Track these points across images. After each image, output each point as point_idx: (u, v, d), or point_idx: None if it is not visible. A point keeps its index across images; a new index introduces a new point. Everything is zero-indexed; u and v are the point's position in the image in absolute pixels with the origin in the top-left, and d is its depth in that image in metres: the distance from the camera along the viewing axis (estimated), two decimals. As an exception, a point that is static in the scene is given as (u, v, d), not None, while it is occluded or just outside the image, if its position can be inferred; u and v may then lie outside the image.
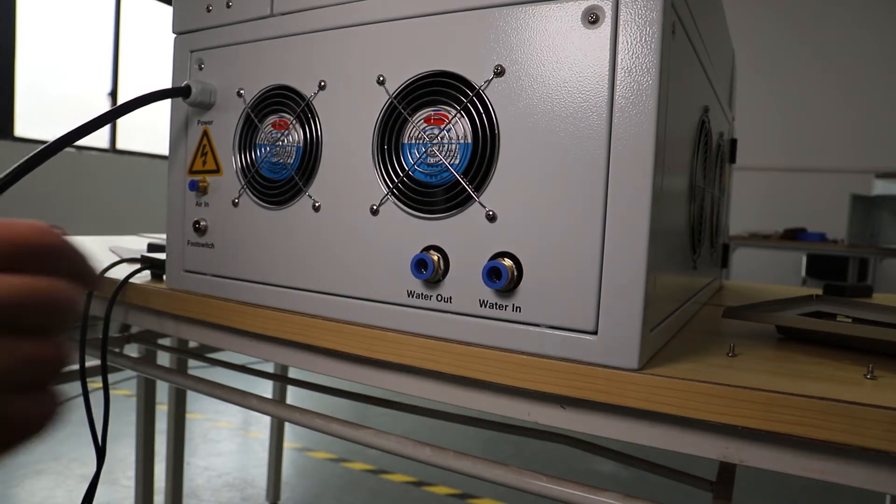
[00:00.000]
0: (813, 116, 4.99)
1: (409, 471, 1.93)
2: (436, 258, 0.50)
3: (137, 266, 0.76)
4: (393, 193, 0.53)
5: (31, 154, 0.48)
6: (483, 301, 0.49)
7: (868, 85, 4.84)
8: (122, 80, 4.31)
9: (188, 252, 0.68)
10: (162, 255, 0.73)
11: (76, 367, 0.61)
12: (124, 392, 2.43)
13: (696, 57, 0.57)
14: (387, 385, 0.55)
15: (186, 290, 0.68)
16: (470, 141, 0.50)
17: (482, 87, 0.49)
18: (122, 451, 1.92)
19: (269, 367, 1.85)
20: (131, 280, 0.71)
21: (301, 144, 0.59)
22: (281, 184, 0.60)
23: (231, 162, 0.64)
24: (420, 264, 0.50)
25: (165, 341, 1.40)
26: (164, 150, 0.68)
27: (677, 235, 0.56)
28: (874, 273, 4.30)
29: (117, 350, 1.02)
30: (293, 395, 2.39)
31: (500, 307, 0.48)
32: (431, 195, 0.51)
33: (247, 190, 0.63)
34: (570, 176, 0.45)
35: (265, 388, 2.10)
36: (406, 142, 0.53)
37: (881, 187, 4.42)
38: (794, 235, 4.36)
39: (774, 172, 5.05)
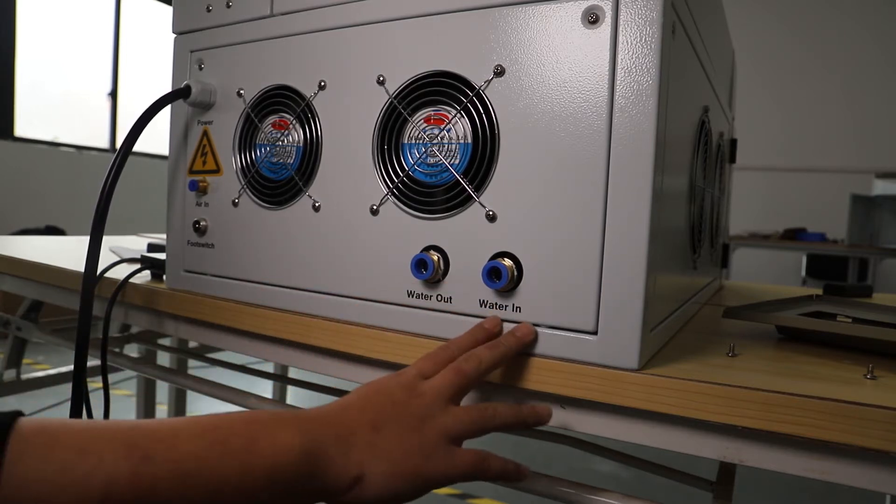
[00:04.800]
0: (813, 116, 4.99)
1: (409, 471, 1.92)
2: (436, 258, 0.50)
3: (137, 266, 0.76)
4: (393, 193, 0.53)
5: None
6: (483, 301, 0.49)
7: (868, 85, 4.84)
8: (122, 80, 4.31)
9: (188, 252, 0.68)
10: (162, 255, 0.73)
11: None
12: (124, 392, 2.43)
13: (696, 57, 0.57)
14: (387, 385, 0.55)
15: (186, 290, 0.68)
16: (470, 141, 0.50)
17: (482, 87, 0.49)
18: (122, 451, 1.91)
19: (269, 367, 1.85)
20: (131, 280, 0.71)
21: (301, 144, 0.59)
22: (281, 184, 0.60)
23: (231, 162, 0.64)
24: (420, 264, 0.50)
25: (165, 341, 1.40)
26: (163, 150, 0.68)
27: (677, 235, 0.56)
28: (874, 273, 4.30)
29: (117, 350, 1.02)
30: (293, 395, 2.39)
31: (501, 307, 0.48)
32: (431, 195, 0.51)
33: (247, 190, 0.63)
34: (570, 176, 0.45)
35: (265, 388, 2.10)
36: (406, 142, 0.53)
37: (881, 187, 4.42)
38: (794, 235, 4.36)
39: (774, 172, 5.05)
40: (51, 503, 0.27)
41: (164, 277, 0.71)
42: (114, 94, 4.29)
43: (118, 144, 4.12)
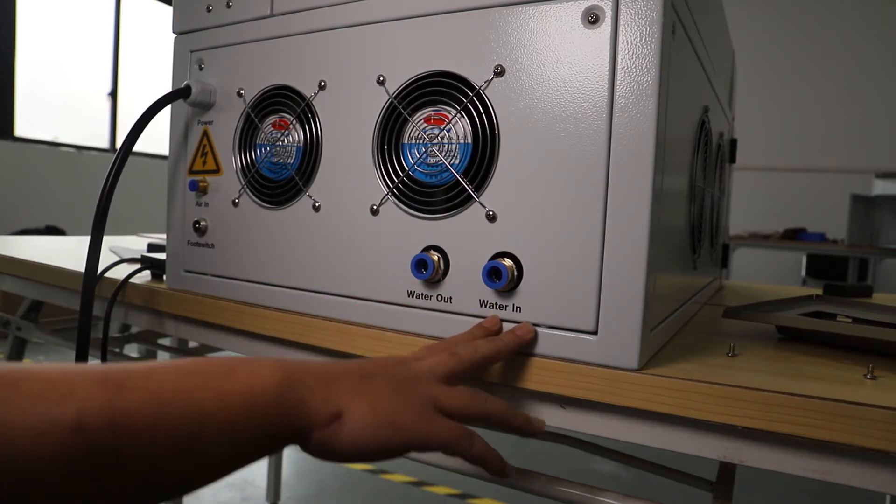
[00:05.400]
0: (813, 116, 4.99)
1: (409, 471, 1.93)
2: (436, 258, 0.50)
3: (137, 266, 0.76)
4: (393, 193, 0.53)
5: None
6: (483, 301, 0.49)
7: (868, 85, 4.84)
8: (122, 80, 4.31)
9: (188, 252, 0.68)
10: (162, 255, 0.73)
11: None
12: (124, 392, 2.43)
13: (696, 57, 0.57)
14: (387, 385, 0.55)
15: (186, 290, 0.68)
16: (470, 141, 0.50)
17: (482, 87, 0.49)
18: (122, 451, 1.91)
19: (269, 367, 1.85)
20: (131, 280, 0.71)
21: (301, 144, 0.59)
22: (281, 184, 0.60)
23: (231, 162, 0.64)
24: (420, 264, 0.50)
25: (165, 341, 1.40)
26: (163, 150, 0.68)
27: (677, 235, 0.56)
28: (874, 273, 4.30)
29: (117, 350, 1.02)
30: (293, 395, 2.38)
31: (501, 307, 0.48)
32: (431, 195, 0.51)
33: (247, 190, 0.63)
34: (570, 176, 0.45)
35: (265, 388, 2.09)
36: (406, 142, 0.53)
37: (881, 187, 4.42)
38: (794, 235, 4.36)
39: (774, 172, 5.05)
40: (22, 434, 0.26)
41: (164, 277, 0.71)
42: (114, 94, 4.28)
43: (118, 144, 4.12)
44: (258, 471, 1.94)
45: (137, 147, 0.60)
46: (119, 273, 0.73)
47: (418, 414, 0.38)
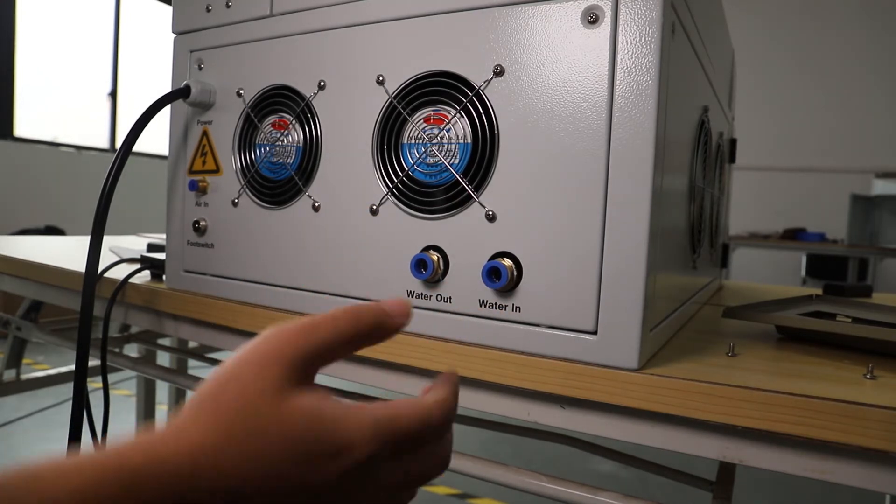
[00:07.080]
0: (813, 116, 4.99)
1: (409, 471, 1.92)
2: (436, 258, 0.50)
3: (137, 266, 0.76)
4: (393, 193, 0.53)
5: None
6: (483, 301, 0.49)
7: (868, 85, 4.84)
8: (122, 80, 4.31)
9: (188, 252, 0.68)
10: (162, 255, 0.73)
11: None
12: (124, 392, 2.43)
13: (695, 57, 0.57)
14: (387, 385, 0.55)
15: (186, 290, 0.67)
16: (469, 141, 0.50)
17: (482, 87, 0.49)
18: (122, 451, 1.91)
19: (269, 367, 1.85)
20: (131, 280, 0.71)
21: (301, 144, 0.59)
22: (281, 184, 0.60)
23: (231, 162, 0.64)
24: (420, 264, 0.50)
25: (165, 341, 1.40)
26: (163, 149, 0.68)
27: (677, 235, 0.56)
28: (874, 273, 4.30)
29: (117, 350, 1.02)
30: (293, 395, 2.37)
31: (500, 307, 0.48)
32: (431, 195, 0.51)
33: (246, 190, 0.63)
34: (569, 176, 0.45)
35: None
36: (406, 142, 0.53)
37: (881, 187, 4.42)
38: (793, 235, 4.36)
39: (774, 172, 5.05)
40: None
41: (164, 277, 0.71)
42: (114, 94, 4.28)
43: (118, 144, 4.12)
44: (258, 471, 1.94)
45: (137, 147, 0.60)
46: (119, 273, 0.73)
47: None
